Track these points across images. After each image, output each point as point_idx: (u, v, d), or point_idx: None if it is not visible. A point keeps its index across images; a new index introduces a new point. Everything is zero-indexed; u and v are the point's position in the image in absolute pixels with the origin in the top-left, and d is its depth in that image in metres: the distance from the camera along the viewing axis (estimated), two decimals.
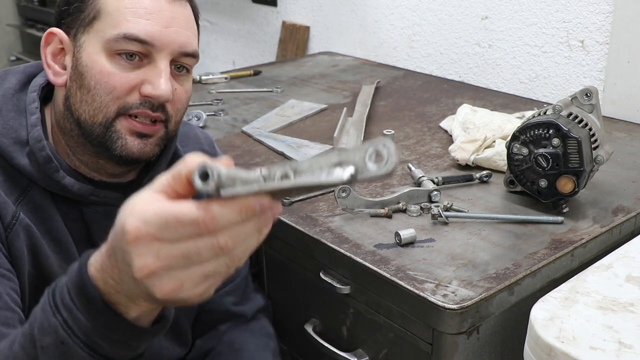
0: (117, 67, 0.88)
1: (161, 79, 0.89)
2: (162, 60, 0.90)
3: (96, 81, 0.88)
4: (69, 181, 0.90)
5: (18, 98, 0.93)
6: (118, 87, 0.88)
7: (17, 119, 0.91)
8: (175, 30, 0.90)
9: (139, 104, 0.90)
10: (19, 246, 0.86)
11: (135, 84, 0.89)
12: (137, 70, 0.89)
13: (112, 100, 0.89)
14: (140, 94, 0.89)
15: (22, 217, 0.87)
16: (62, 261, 0.92)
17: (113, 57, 0.88)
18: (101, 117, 0.89)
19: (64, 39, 0.91)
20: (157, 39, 0.88)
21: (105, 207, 0.95)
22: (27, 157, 0.89)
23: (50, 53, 0.92)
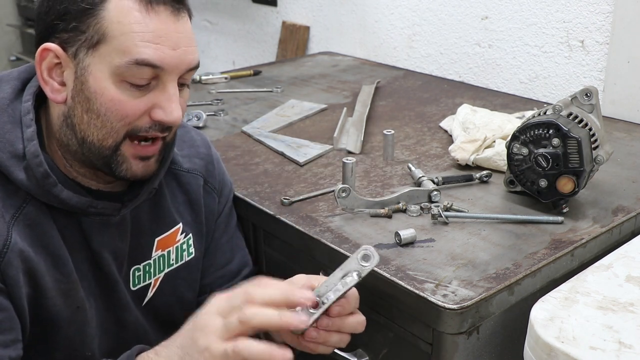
0: (127, 94, 0.87)
1: (172, 104, 0.89)
2: (171, 83, 0.89)
3: (107, 108, 0.88)
4: (67, 195, 0.90)
5: (13, 108, 0.91)
6: (130, 114, 0.88)
7: (13, 131, 0.90)
8: (183, 51, 0.89)
9: (149, 127, 0.90)
10: (13, 274, 0.86)
11: (146, 109, 0.89)
12: (147, 95, 0.89)
13: (123, 126, 0.89)
14: (150, 118, 0.90)
15: (15, 241, 0.86)
16: (58, 276, 0.92)
17: (122, 83, 0.87)
18: (111, 141, 0.90)
19: (60, 54, 0.88)
20: (168, 63, 0.87)
21: (102, 217, 0.95)
22: (24, 172, 0.88)
23: (46, 69, 0.89)
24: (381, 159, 1.36)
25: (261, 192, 1.22)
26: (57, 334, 0.94)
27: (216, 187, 1.14)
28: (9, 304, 0.86)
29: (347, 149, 1.41)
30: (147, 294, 1.05)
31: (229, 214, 1.18)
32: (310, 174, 1.30)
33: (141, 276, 1.03)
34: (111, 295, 0.99)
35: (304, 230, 1.08)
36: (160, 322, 1.08)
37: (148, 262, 1.04)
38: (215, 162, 1.15)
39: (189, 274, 1.10)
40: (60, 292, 0.92)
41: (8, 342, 0.86)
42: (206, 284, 1.14)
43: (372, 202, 1.12)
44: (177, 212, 1.08)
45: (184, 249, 1.08)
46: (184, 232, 1.08)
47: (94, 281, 0.97)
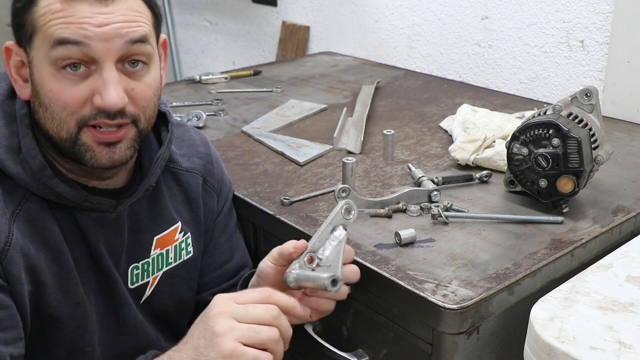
0: (65, 82, 0.86)
1: (109, 88, 0.86)
2: (107, 65, 0.86)
3: (49, 99, 0.87)
4: (63, 188, 0.90)
5: (9, 105, 0.92)
6: (70, 103, 0.87)
7: (8, 126, 0.91)
8: (113, 27, 0.85)
9: (95, 114, 0.87)
10: (15, 271, 0.86)
11: (86, 96, 0.87)
12: (85, 81, 0.86)
13: (68, 115, 0.87)
14: (93, 105, 0.87)
15: (16, 238, 0.87)
16: (59, 271, 0.92)
17: (59, 72, 0.86)
18: (64, 133, 0.89)
19: (18, 51, 0.90)
20: (93, 38, 0.84)
21: (98, 213, 0.95)
22: (20, 165, 0.89)
23: (13, 67, 0.91)
24: (381, 159, 1.36)
25: (261, 192, 1.22)
26: (58, 330, 0.94)
27: (215, 186, 1.14)
28: (10, 302, 0.87)
29: (347, 149, 1.41)
30: (145, 293, 1.05)
31: (228, 213, 1.18)
32: (310, 174, 1.30)
33: (139, 274, 1.04)
34: (110, 291, 1.00)
35: (304, 230, 1.08)
36: (159, 320, 1.08)
37: (147, 260, 1.04)
38: (214, 161, 1.15)
39: (187, 272, 1.10)
40: (61, 288, 0.92)
41: (10, 339, 0.86)
42: (205, 282, 1.14)
43: (372, 202, 1.12)
44: (176, 211, 1.08)
45: (182, 247, 1.08)
46: (183, 231, 1.08)
47: (93, 277, 0.97)
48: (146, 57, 0.90)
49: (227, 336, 0.82)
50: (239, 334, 0.82)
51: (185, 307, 1.12)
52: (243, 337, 0.82)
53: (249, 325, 0.83)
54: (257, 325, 0.84)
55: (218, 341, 0.82)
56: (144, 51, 0.89)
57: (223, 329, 0.82)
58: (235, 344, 0.82)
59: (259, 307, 0.86)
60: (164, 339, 1.09)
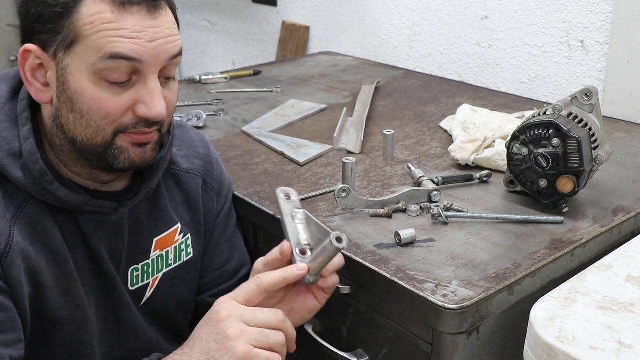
0: (107, 92, 0.87)
1: (155, 99, 0.88)
2: (152, 77, 0.88)
3: (89, 108, 0.87)
4: (63, 193, 0.90)
5: (10, 107, 0.92)
6: (112, 112, 0.88)
7: (10, 130, 0.90)
8: (161, 42, 0.87)
9: (135, 123, 0.89)
10: (15, 274, 0.86)
11: (128, 106, 0.88)
12: (128, 91, 0.88)
13: (107, 124, 0.88)
14: (134, 114, 0.89)
15: (17, 241, 0.87)
16: (59, 274, 0.92)
17: (100, 81, 0.86)
18: (100, 140, 0.89)
19: (41, 55, 0.88)
20: (144, 55, 0.86)
21: (99, 216, 0.95)
22: (21, 170, 0.88)
23: (29, 70, 0.89)
24: (381, 159, 1.36)
25: (261, 192, 1.22)
26: (58, 333, 0.94)
27: (215, 187, 1.14)
28: (11, 304, 0.87)
29: (347, 149, 1.41)
30: (145, 294, 1.05)
31: (227, 214, 1.18)
32: (310, 174, 1.30)
33: (139, 276, 1.03)
34: (110, 293, 1.00)
35: None
36: (159, 321, 1.08)
37: (146, 262, 1.04)
38: (214, 162, 1.15)
39: (187, 274, 1.10)
40: (61, 291, 0.92)
41: (10, 342, 0.86)
42: (204, 284, 1.14)
43: (372, 202, 1.12)
44: (176, 212, 1.08)
45: (182, 249, 1.08)
46: (183, 232, 1.08)
47: (94, 280, 0.97)
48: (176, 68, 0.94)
49: (239, 339, 0.84)
50: (250, 337, 0.85)
51: (185, 308, 1.12)
52: (254, 340, 0.85)
53: (259, 329, 0.86)
54: (266, 330, 0.86)
55: (231, 345, 0.84)
56: (177, 64, 0.93)
57: (235, 333, 0.84)
58: (249, 346, 0.84)
59: (267, 311, 0.88)
60: (164, 341, 1.09)
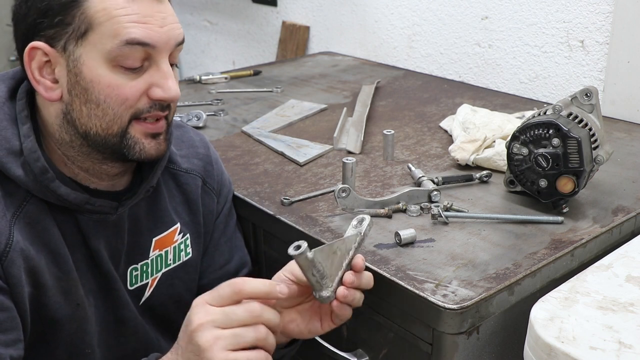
0: (123, 78, 0.88)
1: (169, 81, 0.90)
2: (164, 61, 0.90)
3: (106, 95, 0.88)
4: (64, 190, 0.90)
5: (9, 107, 0.92)
6: (130, 97, 0.89)
7: (9, 128, 0.90)
8: (170, 27, 0.90)
9: (150, 107, 0.91)
10: (15, 273, 0.86)
11: (143, 90, 0.90)
12: (142, 76, 0.90)
13: (125, 110, 0.90)
14: (149, 98, 0.90)
15: (17, 240, 0.87)
16: (58, 273, 0.92)
17: (116, 68, 0.88)
18: (116, 128, 0.90)
19: (49, 51, 0.87)
20: (157, 40, 0.88)
21: (99, 215, 0.95)
22: (21, 168, 0.88)
23: (36, 68, 0.89)
24: (381, 159, 1.36)
25: (261, 192, 1.22)
26: (58, 332, 0.94)
27: (215, 188, 1.14)
28: (11, 304, 0.87)
29: (347, 149, 1.41)
30: (144, 294, 1.05)
31: (228, 214, 1.18)
32: (310, 174, 1.30)
33: (138, 276, 1.04)
34: (110, 293, 1.00)
35: (304, 230, 1.08)
36: (158, 321, 1.08)
37: (145, 262, 1.04)
38: (214, 162, 1.15)
39: (186, 274, 1.10)
40: (61, 290, 0.92)
41: (10, 341, 0.86)
42: (205, 284, 1.14)
43: (372, 202, 1.12)
44: (175, 212, 1.08)
45: (181, 249, 1.08)
46: (182, 232, 1.08)
47: (93, 279, 0.97)
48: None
49: (214, 349, 0.80)
50: (225, 343, 0.81)
51: (184, 308, 1.11)
52: (229, 344, 0.81)
53: (233, 331, 0.82)
54: (241, 328, 0.82)
55: (207, 356, 0.81)
56: (179, 50, 0.95)
57: (208, 342, 0.81)
58: (225, 353, 0.80)
59: (239, 310, 0.83)
60: (163, 340, 1.09)
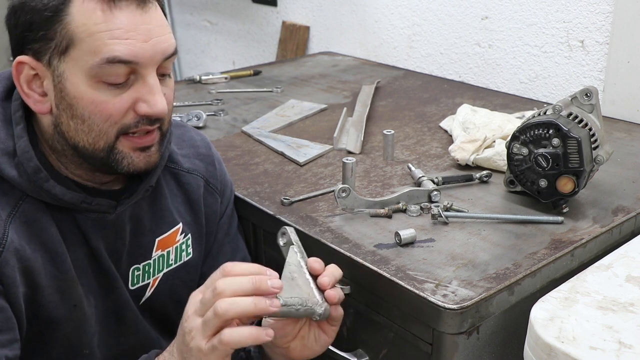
0: (107, 94, 0.86)
1: (155, 96, 0.88)
2: (150, 75, 0.88)
3: (90, 111, 0.87)
4: (59, 190, 0.90)
5: (4, 107, 0.92)
6: (114, 114, 0.88)
7: (4, 129, 0.90)
8: (156, 41, 0.87)
9: (137, 122, 0.89)
10: (9, 273, 0.86)
11: (129, 105, 0.88)
12: (127, 91, 0.88)
13: (110, 126, 0.88)
14: (135, 113, 0.89)
15: (11, 240, 0.87)
16: (55, 272, 0.92)
17: (99, 84, 0.86)
18: (103, 143, 0.89)
19: (35, 65, 0.87)
20: (142, 56, 0.86)
21: (97, 214, 0.95)
22: (15, 168, 0.88)
23: (25, 82, 0.89)
24: (381, 159, 1.36)
25: (261, 192, 1.22)
26: (54, 332, 0.94)
27: (218, 188, 1.14)
28: (5, 304, 0.87)
29: (347, 149, 1.41)
30: (145, 294, 1.05)
31: (230, 215, 1.18)
32: (310, 174, 1.30)
33: (140, 276, 1.04)
34: (111, 292, 1.00)
35: (304, 230, 1.08)
36: (157, 321, 1.08)
37: (148, 262, 1.04)
38: (216, 162, 1.15)
39: (186, 274, 1.10)
40: (57, 289, 0.92)
41: (5, 342, 0.86)
42: None
43: (372, 202, 1.12)
44: (177, 212, 1.08)
45: (182, 249, 1.08)
46: (183, 233, 1.08)
47: (94, 278, 0.97)
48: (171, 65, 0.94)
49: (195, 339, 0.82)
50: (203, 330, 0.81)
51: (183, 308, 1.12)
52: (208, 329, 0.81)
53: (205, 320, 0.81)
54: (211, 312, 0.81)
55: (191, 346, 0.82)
56: (172, 61, 0.93)
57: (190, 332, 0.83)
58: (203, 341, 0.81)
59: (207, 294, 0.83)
60: (163, 339, 1.09)
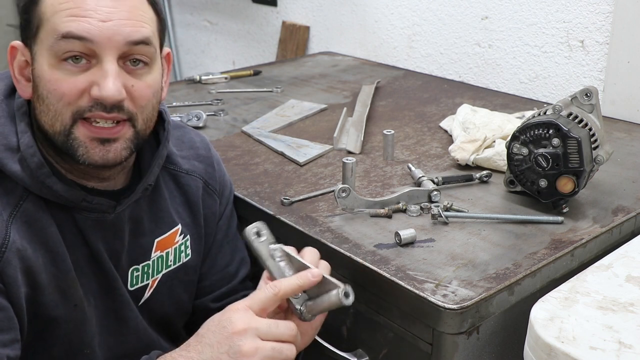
0: (64, 73, 0.87)
1: (107, 79, 0.86)
2: (108, 58, 0.87)
3: (47, 90, 0.87)
4: (61, 187, 0.90)
5: (7, 104, 0.93)
6: (67, 93, 0.87)
7: (7, 125, 0.91)
8: (116, 23, 0.86)
9: (91, 106, 0.87)
10: (11, 273, 0.86)
11: (84, 87, 0.87)
12: (85, 73, 0.87)
13: (64, 106, 0.87)
14: (90, 97, 0.87)
15: (13, 240, 0.87)
16: (56, 272, 0.92)
17: (60, 63, 0.86)
18: (59, 126, 0.88)
19: (24, 52, 0.91)
20: (96, 35, 0.85)
21: (97, 214, 0.95)
22: (18, 164, 0.89)
23: (17, 67, 0.92)
24: (381, 159, 1.36)
25: (261, 192, 1.22)
26: (55, 331, 0.94)
27: (217, 189, 1.14)
28: (7, 304, 0.86)
29: (347, 149, 1.41)
30: (144, 295, 1.05)
31: (230, 216, 1.18)
32: (310, 174, 1.30)
33: (139, 277, 1.03)
34: (111, 292, 0.99)
35: (304, 230, 1.08)
36: (156, 322, 1.08)
37: (147, 263, 1.04)
38: (215, 163, 1.15)
39: (185, 275, 1.10)
40: (58, 290, 0.92)
41: (7, 341, 0.86)
42: (206, 285, 1.14)
43: (372, 202, 1.12)
44: (176, 213, 1.08)
45: (181, 250, 1.08)
46: (183, 234, 1.08)
47: (94, 278, 0.97)
48: (148, 57, 0.91)
49: (254, 357, 0.84)
50: (264, 354, 0.84)
51: (182, 309, 1.12)
52: (267, 357, 0.85)
53: (272, 345, 0.85)
54: (279, 343, 0.86)
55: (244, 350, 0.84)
56: (146, 52, 0.90)
57: (250, 350, 0.84)
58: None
59: (281, 324, 0.87)
60: (163, 340, 1.09)
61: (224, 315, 0.87)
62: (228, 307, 0.88)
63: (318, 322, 0.97)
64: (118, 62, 0.88)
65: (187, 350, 0.87)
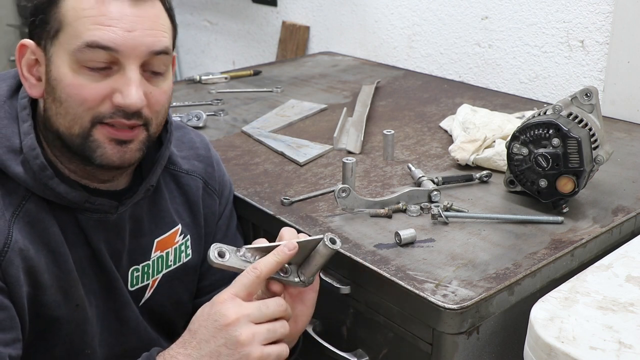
0: (85, 78, 0.87)
1: (131, 88, 0.87)
2: (131, 67, 0.88)
3: (67, 94, 0.87)
4: (63, 189, 0.90)
5: (10, 105, 0.93)
6: (89, 99, 0.87)
7: (10, 126, 0.91)
8: (140, 33, 0.87)
9: (112, 113, 0.88)
10: (13, 273, 0.86)
11: (106, 94, 0.88)
12: (107, 79, 0.88)
13: (84, 111, 0.88)
14: (112, 103, 0.88)
15: (16, 239, 0.87)
16: (58, 272, 0.92)
17: (81, 68, 0.87)
18: (77, 129, 0.89)
19: (35, 50, 0.90)
20: (121, 45, 0.86)
21: (100, 215, 0.95)
22: (21, 166, 0.89)
23: (25, 65, 0.92)
24: (381, 159, 1.36)
25: (261, 192, 1.22)
26: (57, 331, 0.94)
27: (216, 189, 1.14)
28: (9, 303, 0.87)
29: (347, 149, 1.41)
30: (144, 295, 1.05)
31: (229, 216, 1.18)
32: (310, 174, 1.30)
33: (139, 277, 1.03)
34: (111, 292, 1.00)
35: (304, 230, 1.08)
36: (156, 321, 1.08)
37: (147, 263, 1.04)
38: (215, 163, 1.15)
39: (185, 275, 1.10)
40: (60, 290, 0.92)
41: (9, 340, 0.86)
42: (205, 285, 1.14)
43: (372, 202, 1.12)
44: (176, 213, 1.08)
45: (182, 250, 1.08)
46: (183, 234, 1.08)
47: (95, 279, 0.97)
48: (166, 66, 0.93)
49: (252, 344, 0.85)
50: (261, 338, 0.85)
51: (182, 309, 1.12)
52: (264, 339, 0.86)
53: (267, 327, 0.87)
54: (272, 323, 0.88)
55: (245, 351, 0.84)
56: (165, 61, 0.92)
57: (247, 338, 0.84)
58: (261, 348, 0.85)
59: (270, 303, 0.88)
60: (163, 339, 1.09)
61: (212, 308, 0.87)
62: (214, 300, 0.88)
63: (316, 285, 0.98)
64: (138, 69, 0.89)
65: (185, 347, 0.87)
